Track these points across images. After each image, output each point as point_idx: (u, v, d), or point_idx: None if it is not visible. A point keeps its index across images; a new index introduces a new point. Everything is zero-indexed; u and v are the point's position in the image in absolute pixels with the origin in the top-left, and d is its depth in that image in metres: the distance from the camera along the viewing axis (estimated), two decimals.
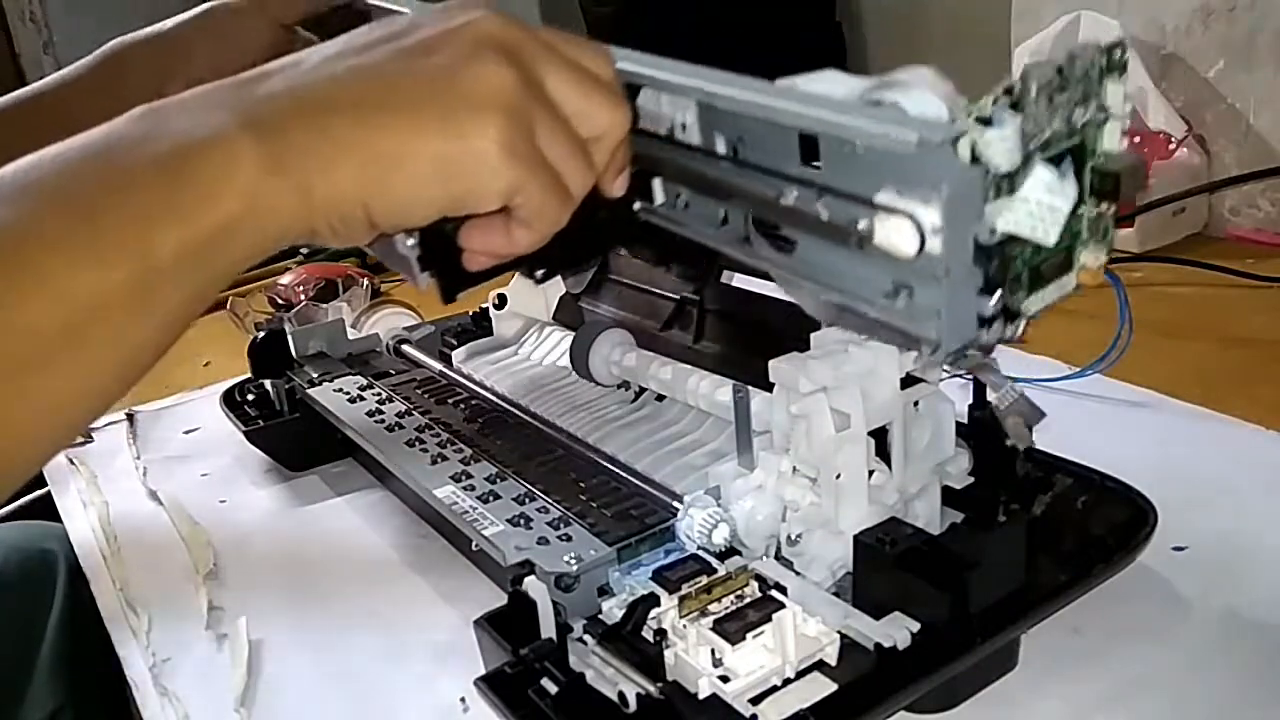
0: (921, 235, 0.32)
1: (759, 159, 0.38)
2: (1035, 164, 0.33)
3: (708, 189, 0.41)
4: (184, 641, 0.54)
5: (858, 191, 0.34)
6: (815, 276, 0.37)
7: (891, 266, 0.34)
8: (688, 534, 0.45)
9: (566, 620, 0.43)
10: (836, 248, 0.36)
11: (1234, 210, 0.97)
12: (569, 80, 0.37)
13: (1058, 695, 0.44)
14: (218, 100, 0.35)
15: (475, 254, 0.40)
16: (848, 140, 0.34)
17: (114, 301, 0.32)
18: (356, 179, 0.34)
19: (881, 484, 0.44)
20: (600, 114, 0.38)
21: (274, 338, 0.73)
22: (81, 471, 0.73)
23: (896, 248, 0.33)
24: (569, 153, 0.37)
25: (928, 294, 0.33)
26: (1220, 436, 0.63)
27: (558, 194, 0.37)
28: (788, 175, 0.37)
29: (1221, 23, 0.94)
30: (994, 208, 0.32)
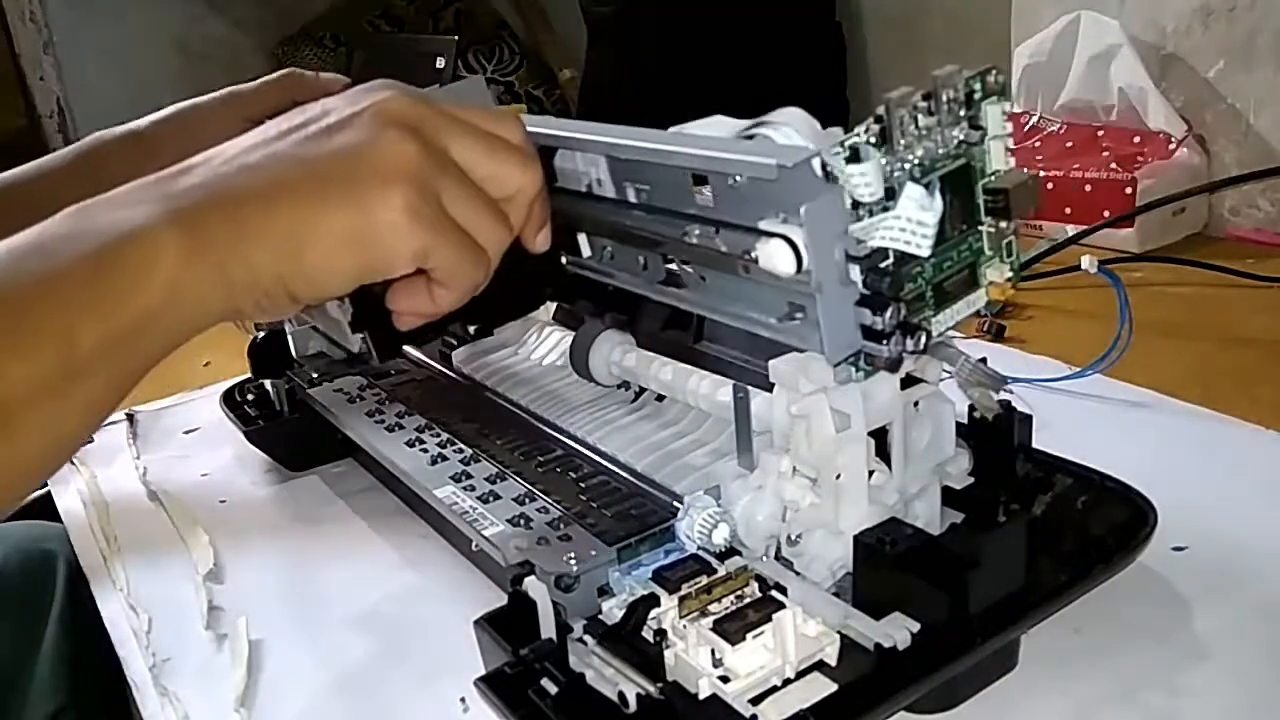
0: (798, 255, 0.35)
1: (664, 203, 0.42)
2: (906, 185, 0.36)
3: (625, 237, 0.44)
4: (184, 641, 0.54)
5: (744, 222, 0.37)
6: (725, 307, 0.41)
7: (783, 291, 0.37)
8: (688, 534, 0.45)
9: (566, 620, 0.43)
10: (737, 279, 0.39)
11: (1234, 210, 0.97)
12: (475, 146, 0.39)
13: (1058, 695, 0.44)
14: (141, 195, 0.37)
15: (403, 315, 0.42)
16: (728, 174, 0.37)
17: (40, 391, 0.33)
18: (271, 259, 0.36)
19: (881, 484, 0.44)
20: (510, 173, 0.40)
21: (274, 338, 0.73)
22: (81, 471, 0.73)
23: (777, 268, 0.36)
24: (478, 213, 0.39)
25: (812, 310, 0.37)
26: (1220, 437, 0.63)
27: (471, 253, 0.39)
28: (688, 215, 0.40)
29: (1221, 23, 0.94)
30: (867, 225, 0.35)
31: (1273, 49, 0.91)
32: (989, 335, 0.80)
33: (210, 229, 0.36)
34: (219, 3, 2.25)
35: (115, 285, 0.34)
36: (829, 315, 0.36)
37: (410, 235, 0.37)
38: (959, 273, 0.38)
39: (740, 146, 0.38)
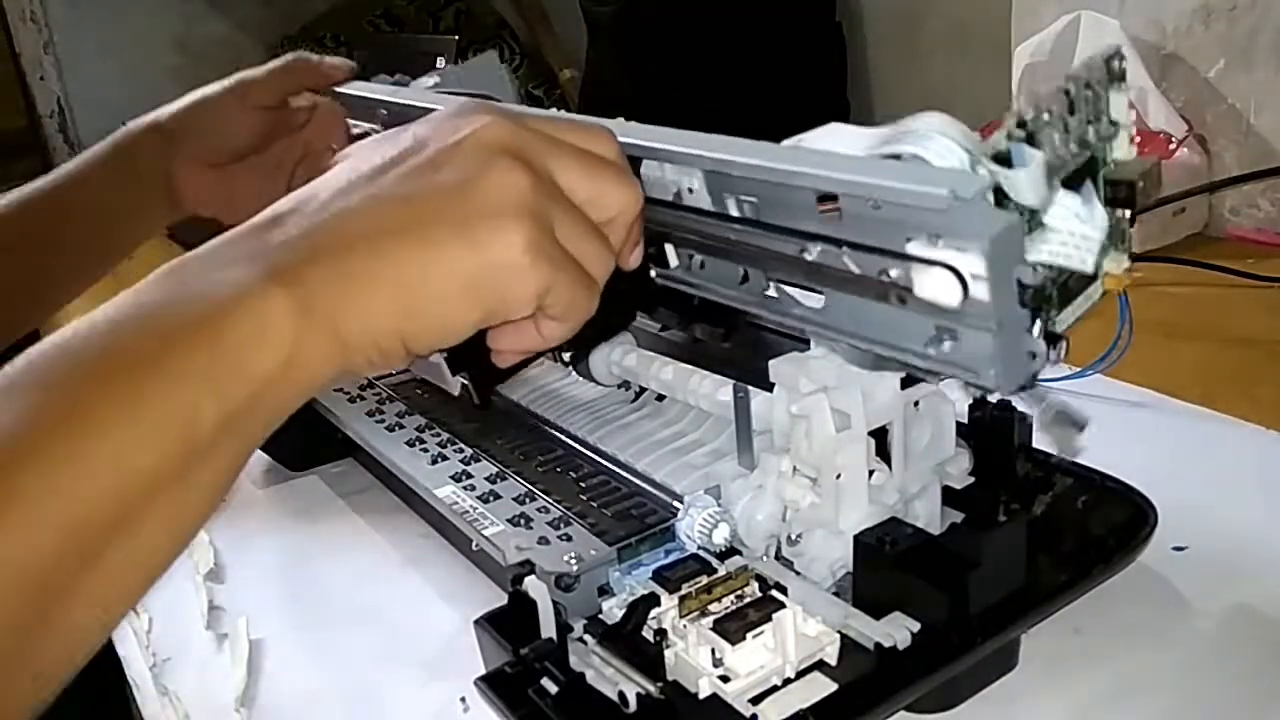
0: (964, 283, 0.32)
1: (775, 219, 0.38)
2: (1057, 192, 0.32)
3: (723, 251, 0.40)
4: (184, 641, 0.54)
5: (884, 245, 0.34)
6: (848, 329, 0.37)
7: (930, 313, 0.33)
8: (688, 534, 0.45)
9: (567, 620, 0.43)
10: (867, 303, 0.35)
11: (1234, 210, 0.97)
12: (577, 169, 0.37)
13: (1058, 695, 0.44)
14: (236, 251, 0.34)
15: (506, 354, 0.39)
16: (871, 198, 0.33)
17: (162, 480, 0.30)
18: (387, 311, 0.34)
19: (882, 484, 0.44)
20: (612, 196, 0.38)
21: None
22: None
23: (939, 299, 0.32)
24: (589, 242, 0.37)
25: (973, 338, 0.33)
26: (1220, 436, 0.63)
27: (585, 285, 0.37)
28: (807, 233, 0.36)
29: (1222, 22, 0.94)
30: (1029, 244, 0.32)
31: (1273, 49, 0.91)
32: None
33: (316, 285, 0.33)
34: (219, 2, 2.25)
35: (229, 355, 0.31)
36: (1005, 347, 0.32)
37: (533, 275, 0.34)
38: None
39: (890, 169, 0.33)
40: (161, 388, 0.30)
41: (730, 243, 0.40)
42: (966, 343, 0.33)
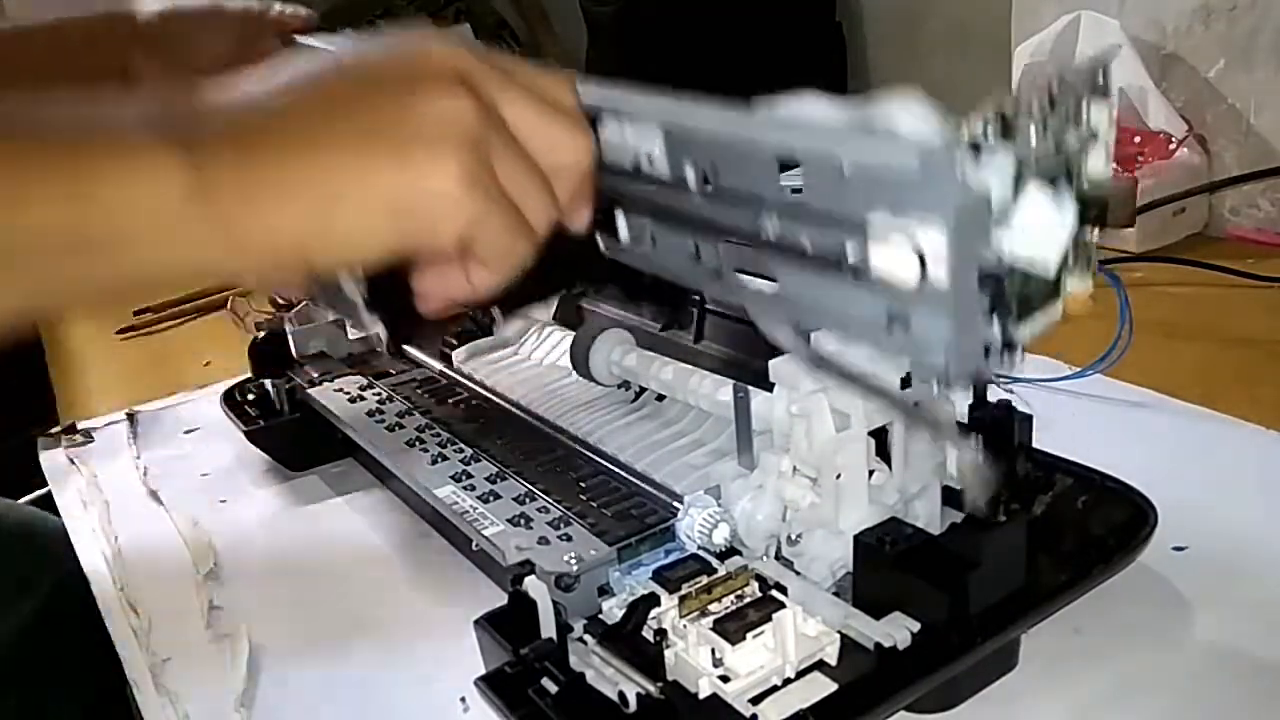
0: (923, 263, 0.31)
1: (734, 186, 0.36)
2: (1029, 188, 0.31)
3: (678, 222, 0.39)
4: (184, 641, 0.54)
5: (845, 214, 0.32)
6: (800, 311, 0.35)
7: (884, 297, 0.32)
8: (688, 534, 0.45)
9: (567, 620, 0.43)
10: (823, 280, 0.34)
11: (1234, 210, 0.97)
12: (530, 109, 0.35)
13: (1058, 695, 0.44)
14: (154, 111, 0.32)
15: (431, 299, 0.37)
16: (836, 164, 0.32)
17: None
18: (295, 220, 0.32)
19: (882, 484, 0.44)
20: (563, 143, 0.36)
21: (274, 337, 0.73)
22: (82, 471, 0.73)
23: (896, 277, 0.31)
24: (530, 186, 0.35)
25: (927, 324, 0.32)
26: (1221, 436, 0.63)
27: (520, 231, 0.35)
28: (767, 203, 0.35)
29: (1222, 22, 0.94)
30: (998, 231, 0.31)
31: (1273, 49, 0.91)
32: None
33: (224, 174, 0.31)
34: None
35: (93, 188, 0.30)
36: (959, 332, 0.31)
37: (463, 207, 0.33)
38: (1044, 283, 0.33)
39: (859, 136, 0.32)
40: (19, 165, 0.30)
41: (686, 215, 0.38)
42: (920, 327, 0.32)
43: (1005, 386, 0.67)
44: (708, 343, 0.61)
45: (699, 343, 0.62)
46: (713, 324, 0.62)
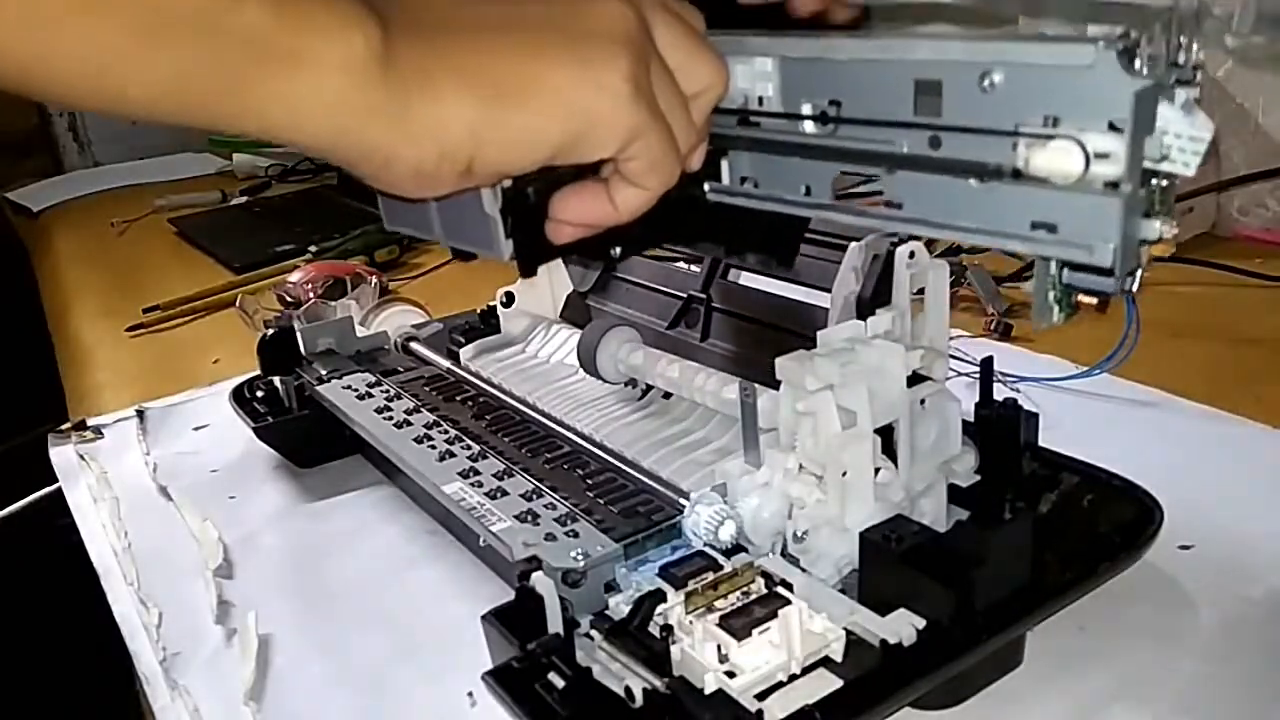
0: (1086, 157, 0.31)
1: (862, 114, 0.36)
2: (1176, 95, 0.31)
3: (791, 152, 0.39)
4: (194, 636, 0.54)
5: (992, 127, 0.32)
6: (938, 220, 0.35)
7: (1029, 204, 0.33)
8: (694, 531, 0.45)
9: (573, 616, 0.43)
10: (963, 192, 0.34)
11: (1242, 210, 0.97)
12: (678, 31, 0.36)
13: (1063, 692, 0.44)
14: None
15: (566, 224, 0.37)
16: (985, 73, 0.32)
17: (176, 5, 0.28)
18: (471, 108, 0.32)
19: (888, 481, 0.44)
20: (702, 69, 0.37)
21: (283, 335, 0.73)
22: (92, 468, 0.74)
23: (1060, 170, 0.32)
24: (679, 104, 0.36)
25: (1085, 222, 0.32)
26: (1227, 436, 0.63)
27: (673, 147, 0.35)
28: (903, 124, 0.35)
29: None
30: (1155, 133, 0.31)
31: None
32: (996, 334, 0.80)
33: (412, 52, 0.31)
34: None
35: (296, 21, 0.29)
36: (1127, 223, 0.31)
37: (630, 109, 0.33)
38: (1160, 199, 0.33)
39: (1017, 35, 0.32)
40: None
41: (800, 147, 0.38)
42: (1071, 228, 0.32)
43: (1012, 385, 0.67)
44: (714, 341, 0.62)
45: (705, 341, 0.62)
46: (719, 322, 0.62)
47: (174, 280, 1.14)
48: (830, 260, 0.52)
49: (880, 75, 0.35)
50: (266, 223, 1.39)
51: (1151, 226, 0.32)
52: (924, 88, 0.34)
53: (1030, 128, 0.32)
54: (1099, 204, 0.32)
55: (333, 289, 0.99)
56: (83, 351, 1.02)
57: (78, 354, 1.02)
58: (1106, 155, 0.31)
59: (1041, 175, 0.32)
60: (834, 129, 0.37)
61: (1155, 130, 0.31)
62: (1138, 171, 0.31)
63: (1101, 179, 0.31)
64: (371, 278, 1.02)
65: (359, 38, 0.30)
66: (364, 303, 0.81)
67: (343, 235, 1.17)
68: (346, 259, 1.11)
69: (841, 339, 0.46)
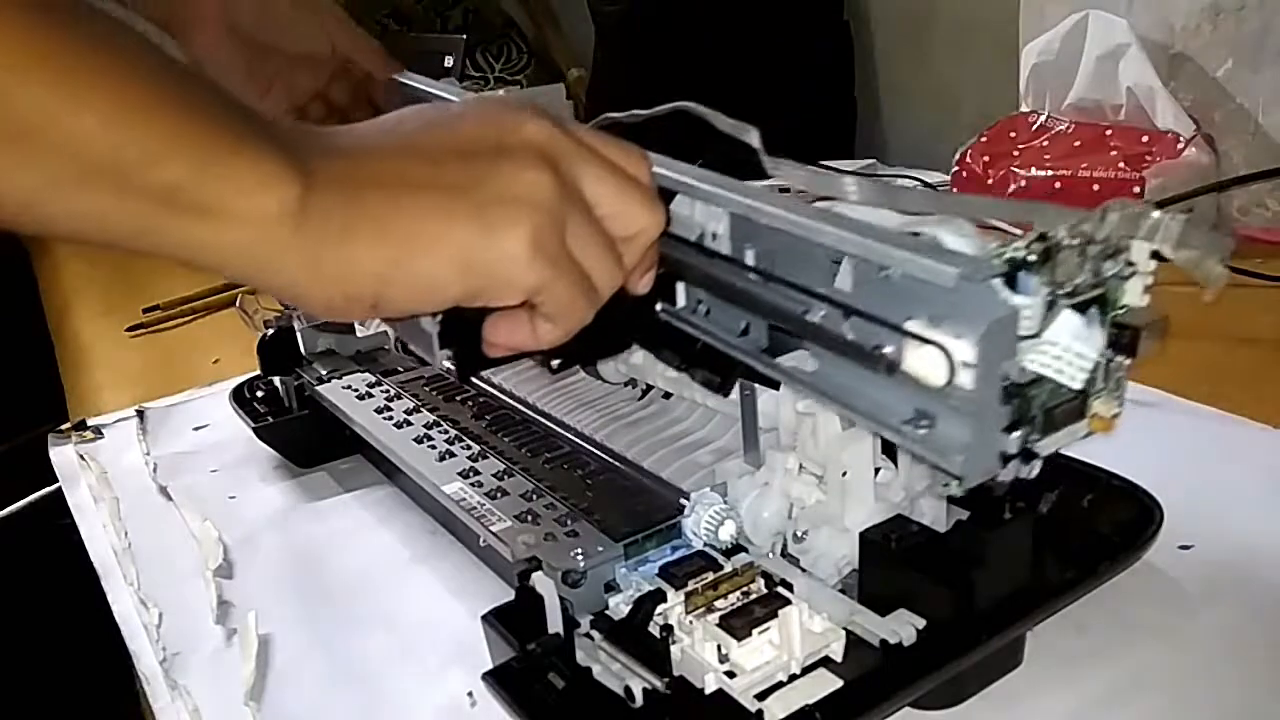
0: (951, 366, 0.33)
1: (788, 275, 0.39)
2: (1061, 310, 0.33)
3: (733, 298, 0.42)
4: (194, 636, 0.54)
5: (887, 317, 0.35)
6: (835, 395, 0.38)
7: (914, 394, 0.35)
8: (694, 531, 0.45)
9: (573, 615, 0.43)
10: (859, 371, 0.36)
11: (1242, 210, 0.97)
12: (606, 182, 0.38)
13: (1062, 692, 0.44)
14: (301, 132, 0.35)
15: (498, 346, 0.40)
16: (884, 266, 0.35)
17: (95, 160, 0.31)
18: (376, 258, 0.34)
19: (888, 481, 0.45)
20: (636, 215, 0.39)
21: (283, 335, 0.73)
22: (92, 468, 0.74)
23: (925, 376, 0.34)
24: (599, 253, 0.38)
25: (951, 425, 0.34)
26: (1227, 435, 0.63)
27: (584, 293, 0.38)
28: (816, 294, 0.38)
29: (1230, 22, 0.94)
30: (1022, 348, 0.33)
31: None
32: None
33: (328, 204, 0.33)
34: None
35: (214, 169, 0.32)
36: (979, 438, 0.33)
37: (529, 269, 0.36)
38: (1070, 401, 0.36)
39: (906, 243, 0.35)
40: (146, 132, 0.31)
41: (741, 292, 0.41)
42: (942, 427, 0.34)
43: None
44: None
45: None
46: None
47: (174, 280, 1.13)
48: None
49: (805, 244, 0.38)
50: None
51: (1011, 440, 0.34)
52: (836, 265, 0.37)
53: (916, 325, 0.34)
54: (956, 413, 0.33)
55: None
56: (83, 351, 1.02)
57: (78, 354, 1.02)
58: (970, 366, 0.33)
59: (912, 375, 0.34)
60: (767, 280, 0.40)
61: (1045, 340, 0.33)
62: (994, 388, 0.33)
63: (962, 389, 0.33)
64: None
65: (275, 197, 0.33)
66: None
67: None
68: None
69: None
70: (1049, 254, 0.33)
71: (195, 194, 0.32)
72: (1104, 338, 0.35)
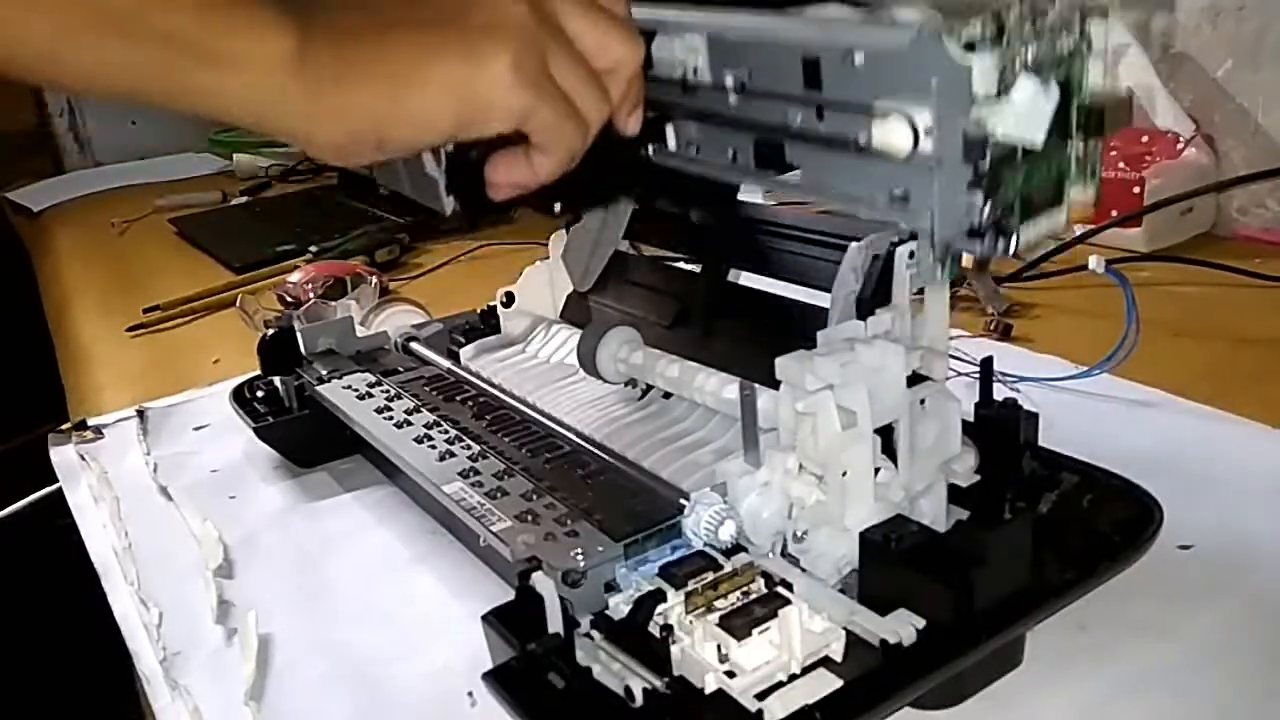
0: (916, 135, 0.35)
1: (767, 87, 0.41)
2: (1020, 76, 0.35)
3: (718, 123, 0.44)
4: (194, 636, 0.54)
5: (858, 100, 0.37)
6: (825, 189, 0.41)
7: (892, 174, 0.37)
8: (694, 531, 0.45)
9: (573, 615, 0.43)
10: (841, 162, 0.39)
11: (1242, 210, 0.97)
12: (584, 15, 0.40)
13: (1063, 692, 0.44)
14: None
15: (500, 185, 0.42)
16: (849, 50, 0.37)
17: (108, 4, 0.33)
18: (372, 97, 0.37)
19: (887, 481, 0.44)
20: (614, 46, 0.41)
21: (283, 335, 0.73)
22: (93, 468, 0.74)
23: (892, 145, 0.36)
24: (582, 80, 0.40)
25: (922, 192, 0.36)
26: (1227, 435, 0.63)
27: (572, 119, 0.40)
28: (795, 97, 0.40)
29: (1230, 22, 0.94)
30: (983, 109, 0.35)
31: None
32: (996, 334, 0.80)
33: (322, 51, 0.36)
34: None
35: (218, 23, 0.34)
36: (944, 195, 0.36)
37: (513, 91, 0.38)
38: (1046, 185, 0.38)
39: (863, 23, 0.38)
40: None
41: (725, 116, 0.43)
42: (917, 198, 0.37)
43: (1012, 385, 0.67)
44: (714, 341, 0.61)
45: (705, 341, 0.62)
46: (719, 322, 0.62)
47: (174, 280, 1.14)
48: (830, 260, 0.52)
49: (777, 52, 0.40)
50: (267, 223, 1.38)
51: (977, 204, 0.36)
52: (809, 66, 0.39)
53: (882, 103, 0.36)
54: (925, 177, 0.36)
55: (333, 289, 0.99)
56: (83, 351, 1.02)
57: (78, 354, 1.02)
58: (929, 131, 0.35)
59: (881, 149, 0.37)
60: (749, 100, 0.43)
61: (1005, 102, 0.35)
62: (953, 141, 0.35)
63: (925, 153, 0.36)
64: (371, 278, 1.02)
65: (275, 42, 0.35)
66: (364, 303, 0.81)
67: (343, 235, 1.17)
68: (346, 259, 1.10)
69: (841, 339, 0.46)
70: (1002, 28, 0.35)
71: (199, 39, 0.34)
72: (1057, 91, 0.36)
